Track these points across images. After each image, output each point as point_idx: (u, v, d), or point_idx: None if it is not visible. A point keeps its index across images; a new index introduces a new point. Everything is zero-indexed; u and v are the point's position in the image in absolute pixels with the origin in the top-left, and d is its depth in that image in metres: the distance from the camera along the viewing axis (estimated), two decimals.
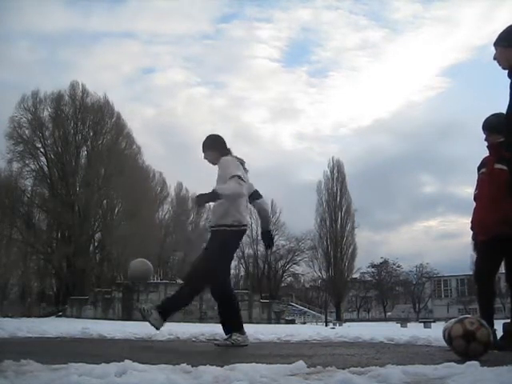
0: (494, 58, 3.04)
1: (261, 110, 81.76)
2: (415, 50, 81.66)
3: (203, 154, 4.38)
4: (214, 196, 3.90)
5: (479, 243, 4.02)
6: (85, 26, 68.36)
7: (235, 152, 4.31)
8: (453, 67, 78.27)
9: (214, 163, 4.25)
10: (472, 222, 4.14)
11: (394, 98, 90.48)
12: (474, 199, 4.17)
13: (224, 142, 4.35)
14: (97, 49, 67.43)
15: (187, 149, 70.28)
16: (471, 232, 4.18)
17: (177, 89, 77.72)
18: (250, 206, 4.44)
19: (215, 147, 4.30)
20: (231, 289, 4.37)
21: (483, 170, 4.06)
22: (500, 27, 3.07)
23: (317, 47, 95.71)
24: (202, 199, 3.95)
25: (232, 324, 4.11)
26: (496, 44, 3.05)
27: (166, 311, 3.97)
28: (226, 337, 4.09)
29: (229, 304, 4.16)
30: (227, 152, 4.27)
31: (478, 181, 4.16)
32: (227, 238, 4.08)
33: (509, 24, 3.01)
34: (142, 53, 70.29)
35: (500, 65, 3.00)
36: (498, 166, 3.81)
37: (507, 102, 2.94)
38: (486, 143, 4.07)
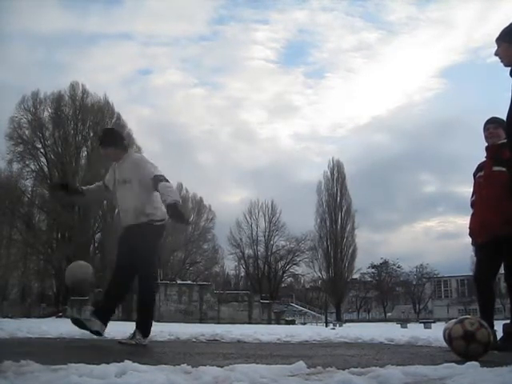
0: (496, 54, 2.85)
1: (259, 110, 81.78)
2: (411, 52, 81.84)
3: (103, 151, 4.16)
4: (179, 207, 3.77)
5: (479, 245, 4.00)
6: (81, 28, 68.47)
7: (235, 151, 4.28)
8: (450, 68, 78.41)
9: (117, 159, 4.09)
10: (470, 227, 4.11)
11: (391, 98, 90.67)
12: (472, 206, 4.14)
13: (123, 137, 4.23)
14: (94, 50, 67.50)
15: (186, 150, 70.39)
16: (470, 237, 4.16)
17: (174, 90, 77.72)
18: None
19: (117, 143, 4.09)
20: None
21: (480, 173, 4.04)
22: (495, 28, 2.88)
23: (313, 48, 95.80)
24: (182, 215, 3.80)
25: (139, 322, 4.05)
26: (500, 39, 2.84)
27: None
28: (130, 335, 4.04)
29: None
30: (127, 147, 4.12)
31: (474, 186, 4.13)
32: (157, 232, 4.08)
33: (504, 24, 2.88)
34: (139, 54, 70.36)
35: (502, 61, 2.83)
36: (496, 168, 3.80)
37: (508, 100, 2.77)
38: (484, 145, 4.05)
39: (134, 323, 4.08)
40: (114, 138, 4.13)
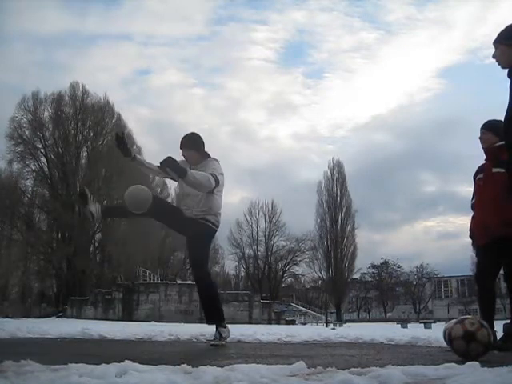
0: (494, 57, 2.86)
1: (258, 110, 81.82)
2: (410, 52, 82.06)
3: (186, 152, 4.16)
4: (180, 170, 3.70)
5: (480, 247, 4.00)
6: (81, 28, 68.51)
7: (235, 151, 4.27)
8: (449, 68, 78.57)
9: (195, 163, 4.14)
10: (471, 229, 4.12)
11: (391, 98, 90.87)
12: (472, 208, 4.15)
13: (204, 143, 4.23)
14: (93, 51, 67.53)
15: None
16: (471, 239, 4.16)
17: (174, 90, 77.77)
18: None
19: (200, 148, 4.17)
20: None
21: (480, 176, 4.04)
22: (493, 29, 2.89)
23: (312, 49, 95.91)
24: (171, 163, 3.67)
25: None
26: (497, 42, 2.85)
27: None
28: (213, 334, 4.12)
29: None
30: (206, 154, 4.18)
31: (475, 188, 4.14)
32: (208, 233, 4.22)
33: (502, 25, 2.88)
34: (138, 54, 70.39)
35: (499, 64, 2.84)
36: (496, 170, 3.80)
37: (506, 101, 2.78)
38: (484, 146, 4.05)
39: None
40: (196, 142, 4.18)
